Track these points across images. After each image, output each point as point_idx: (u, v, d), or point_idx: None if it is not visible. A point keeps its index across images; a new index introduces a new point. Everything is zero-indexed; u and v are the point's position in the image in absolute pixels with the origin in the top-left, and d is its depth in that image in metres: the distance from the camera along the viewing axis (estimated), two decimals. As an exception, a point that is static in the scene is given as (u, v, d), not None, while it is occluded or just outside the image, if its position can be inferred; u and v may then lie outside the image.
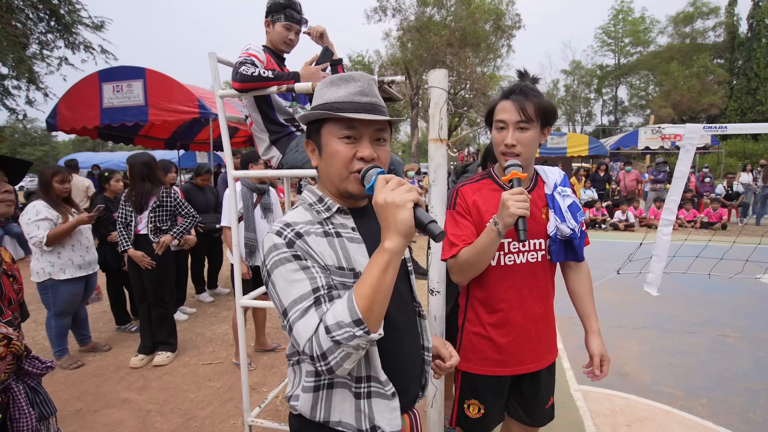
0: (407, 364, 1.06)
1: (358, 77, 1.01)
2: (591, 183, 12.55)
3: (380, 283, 0.84)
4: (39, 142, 36.40)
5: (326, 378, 1.00)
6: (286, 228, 0.95)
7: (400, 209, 0.83)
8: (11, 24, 9.21)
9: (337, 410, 0.99)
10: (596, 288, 1.53)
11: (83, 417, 2.85)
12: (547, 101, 1.39)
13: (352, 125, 0.97)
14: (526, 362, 1.52)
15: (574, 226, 1.46)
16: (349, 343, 0.84)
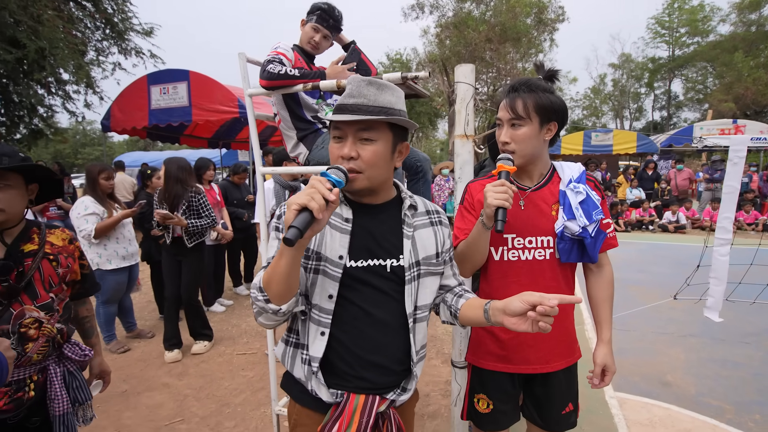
0: (374, 356, 1.12)
1: (352, 80, 1.10)
2: (639, 182, 11.92)
3: (275, 265, 0.97)
4: (97, 143, 38.92)
5: (294, 337, 1.17)
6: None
7: (288, 209, 0.91)
8: (72, 33, 9.88)
9: (297, 367, 1.15)
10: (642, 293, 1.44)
11: (128, 398, 3.03)
12: (546, 98, 1.35)
13: (337, 126, 1.07)
14: (531, 362, 1.47)
15: (585, 224, 1.38)
16: (255, 302, 1.03)
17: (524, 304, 0.98)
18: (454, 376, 2.17)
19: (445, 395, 2.90)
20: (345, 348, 1.11)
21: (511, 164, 1.33)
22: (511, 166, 1.33)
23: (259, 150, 2.13)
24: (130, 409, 2.89)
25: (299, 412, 1.17)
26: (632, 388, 2.96)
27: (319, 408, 1.13)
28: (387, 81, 1.70)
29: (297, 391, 1.17)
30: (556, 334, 1.46)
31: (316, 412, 1.14)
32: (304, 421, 1.16)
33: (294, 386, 1.18)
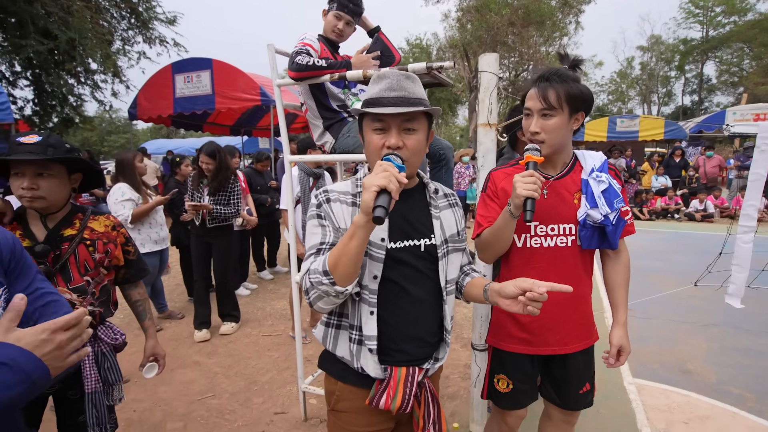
0: (413, 329, 1.21)
1: (389, 74, 1.15)
2: (665, 169, 11.60)
3: (345, 247, 1.02)
4: (122, 131, 39.86)
5: (335, 319, 1.24)
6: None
7: (366, 191, 0.97)
8: (99, 23, 10.12)
9: (340, 347, 1.23)
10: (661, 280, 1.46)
11: (162, 375, 3.15)
12: (575, 87, 1.36)
13: (380, 118, 1.12)
14: (551, 344, 1.52)
15: (607, 213, 1.42)
16: (318, 287, 1.06)
17: (516, 289, 1.09)
18: (474, 358, 2.24)
19: (464, 378, 2.98)
20: (387, 324, 1.19)
21: (538, 155, 1.35)
22: (539, 156, 1.35)
23: (287, 139, 2.20)
24: (165, 384, 3.07)
25: (342, 389, 1.25)
26: (651, 375, 2.98)
27: (362, 383, 1.21)
28: (412, 72, 1.75)
29: (338, 370, 1.25)
30: (574, 318, 1.52)
31: (359, 387, 1.22)
32: (347, 397, 1.24)
33: (335, 365, 1.26)
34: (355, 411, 1.24)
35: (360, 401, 1.22)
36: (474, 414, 2.33)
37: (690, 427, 2.40)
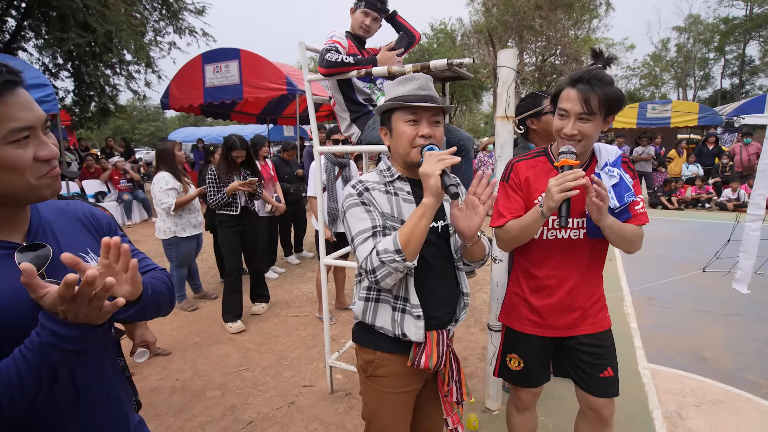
0: (439, 298, 1.41)
1: (419, 77, 1.35)
2: (697, 157, 11.22)
3: (416, 226, 1.20)
4: (152, 119, 41.05)
5: (375, 293, 1.40)
6: (359, 183, 1.37)
7: (431, 177, 1.18)
8: (133, 15, 10.48)
9: (380, 317, 1.39)
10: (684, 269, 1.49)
11: (200, 348, 3.48)
12: (613, 92, 1.38)
13: (414, 111, 1.31)
14: (559, 328, 1.61)
15: (615, 206, 1.47)
16: (390, 264, 1.20)
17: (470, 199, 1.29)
18: (490, 338, 2.38)
19: (482, 359, 3.12)
20: (422, 295, 1.36)
21: (574, 158, 1.38)
22: (575, 159, 1.38)
23: (317, 131, 2.35)
24: (202, 357, 3.34)
25: (380, 356, 1.42)
26: (667, 361, 3.05)
27: (399, 350, 1.40)
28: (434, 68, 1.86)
29: (376, 340, 1.42)
30: (584, 305, 1.60)
31: (396, 354, 1.40)
32: (385, 363, 1.42)
33: (372, 337, 1.43)
34: (393, 375, 1.42)
35: (397, 366, 1.41)
36: (489, 390, 2.47)
37: (701, 410, 2.47)
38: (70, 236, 0.95)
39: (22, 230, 0.87)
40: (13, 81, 0.77)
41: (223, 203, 3.70)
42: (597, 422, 1.70)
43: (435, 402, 1.55)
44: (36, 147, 0.79)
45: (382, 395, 1.45)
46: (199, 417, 2.58)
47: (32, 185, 0.79)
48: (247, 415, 2.59)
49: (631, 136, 13.43)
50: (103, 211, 1.09)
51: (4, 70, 0.75)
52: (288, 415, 2.57)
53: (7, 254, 0.80)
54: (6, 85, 0.75)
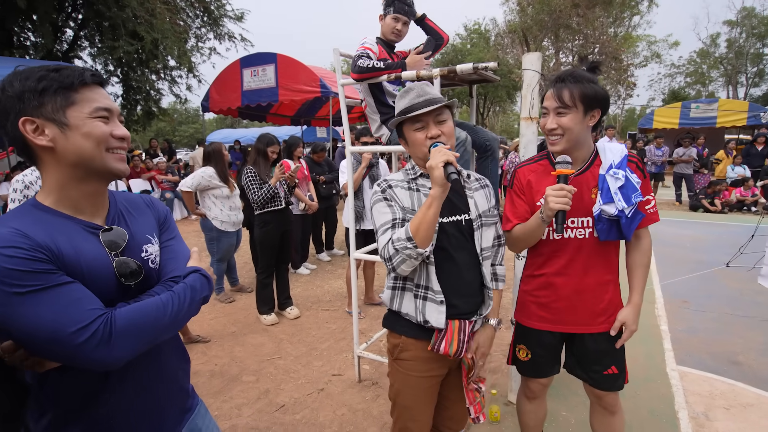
0: (460, 287, 1.50)
1: (413, 87, 1.48)
2: (744, 158, 10.65)
3: (424, 215, 1.30)
4: (191, 121, 42.76)
5: (400, 283, 1.52)
6: (383, 182, 1.52)
7: (434, 169, 1.28)
8: (177, 23, 11.07)
9: (404, 305, 1.51)
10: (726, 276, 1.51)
11: (236, 337, 3.70)
12: (588, 88, 1.46)
13: (418, 119, 1.44)
14: (567, 323, 1.66)
15: (623, 208, 1.50)
16: (403, 252, 1.32)
17: None
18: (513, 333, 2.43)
19: (506, 354, 3.16)
20: (442, 282, 1.46)
21: (569, 167, 1.46)
22: (570, 168, 1.46)
23: (349, 131, 2.50)
24: (239, 346, 3.55)
25: (405, 341, 1.53)
26: (697, 364, 2.99)
27: (423, 336, 1.50)
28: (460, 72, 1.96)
29: (402, 326, 1.54)
30: (592, 303, 1.64)
31: (420, 339, 1.51)
32: (409, 347, 1.53)
33: (398, 322, 1.55)
34: (416, 359, 1.53)
35: (420, 351, 1.51)
36: (513, 384, 2.53)
37: (730, 413, 2.43)
38: (139, 223, 1.12)
39: (103, 215, 1.05)
40: (99, 78, 1.00)
41: (268, 198, 3.76)
42: (603, 410, 1.79)
43: (460, 389, 1.63)
44: (113, 127, 0.99)
45: (406, 377, 1.55)
46: (236, 399, 2.77)
47: (103, 155, 0.96)
48: (280, 399, 2.76)
49: (672, 137, 12.92)
50: (162, 204, 1.26)
51: (93, 71, 0.98)
52: (318, 401, 2.72)
53: (93, 232, 1.00)
54: (94, 78, 0.98)
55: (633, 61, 21.47)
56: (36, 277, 0.82)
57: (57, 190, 0.96)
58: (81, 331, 0.82)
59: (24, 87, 0.90)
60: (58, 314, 0.81)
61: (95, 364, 0.85)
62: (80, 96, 0.94)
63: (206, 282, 1.11)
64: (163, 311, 0.95)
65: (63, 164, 0.94)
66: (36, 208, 0.94)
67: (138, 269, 1.01)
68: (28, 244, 0.83)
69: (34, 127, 0.91)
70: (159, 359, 1.08)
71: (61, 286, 0.84)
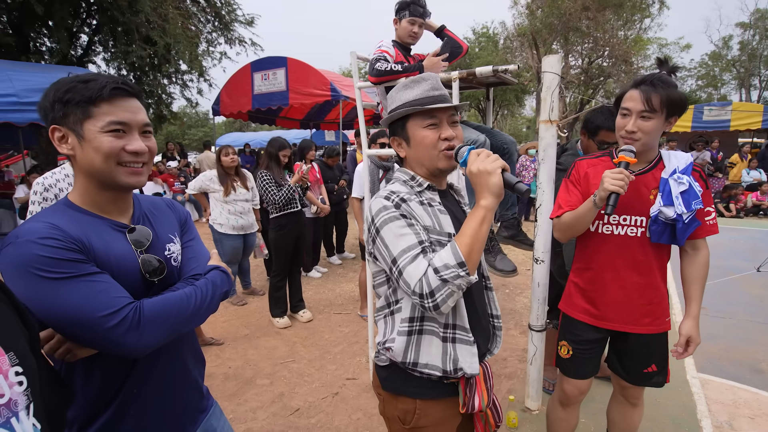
0: (478, 325, 1.26)
1: (428, 77, 1.24)
2: (759, 162, 10.50)
3: (478, 233, 1.07)
4: (200, 125, 43.12)
5: (418, 324, 1.19)
6: (392, 194, 1.17)
7: (492, 175, 1.07)
8: (189, 28, 11.18)
9: (424, 353, 1.18)
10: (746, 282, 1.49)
11: (250, 340, 3.70)
12: (676, 93, 1.46)
13: (433, 114, 1.20)
14: (611, 320, 1.66)
15: (682, 212, 1.50)
16: (454, 282, 1.03)
17: None
18: (531, 338, 2.41)
19: (522, 360, 3.13)
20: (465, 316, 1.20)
21: (632, 156, 1.48)
22: (633, 158, 1.48)
23: (365, 135, 2.49)
24: (252, 348, 3.55)
25: (422, 405, 1.22)
26: (718, 371, 2.93)
27: (442, 394, 1.22)
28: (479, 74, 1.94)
29: (415, 387, 1.22)
30: (638, 302, 1.63)
31: (440, 399, 1.23)
32: (428, 412, 1.22)
33: (408, 382, 1.22)
34: (438, 423, 1.24)
35: (441, 411, 1.23)
36: (530, 390, 2.50)
37: (756, 422, 2.38)
38: (162, 224, 1.16)
39: (128, 215, 1.09)
40: (126, 90, 0.99)
41: (287, 200, 3.78)
42: (624, 401, 1.81)
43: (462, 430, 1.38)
44: (127, 141, 0.98)
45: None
46: (251, 402, 2.77)
47: (112, 169, 0.97)
48: (295, 402, 2.75)
49: (685, 140, 12.77)
50: (182, 207, 1.29)
51: (119, 82, 0.98)
52: (333, 405, 2.71)
53: (120, 231, 1.04)
54: (115, 91, 0.97)
55: (644, 64, 21.27)
56: (69, 266, 0.87)
57: (83, 193, 1.01)
58: (111, 316, 0.86)
59: (55, 97, 0.95)
60: (90, 300, 0.86)
61: (125, 349, 0.89)
62: (98, 110, 0.95)
63: (226, 278, 1.15)
64: (187, 303, 1.00)
65: (82, 172, 0.99)
66: (68, 207, 0.99)
67: (161, 266, 1.06)
68: (63, 236, 0.88)
69: (60, 135, 0.97)
70: (177, 358, 1.11)
71: (92, 275, 0.89)
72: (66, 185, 2.45)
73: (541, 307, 2.32)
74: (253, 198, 4.32)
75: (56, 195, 2.43)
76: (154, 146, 1.05)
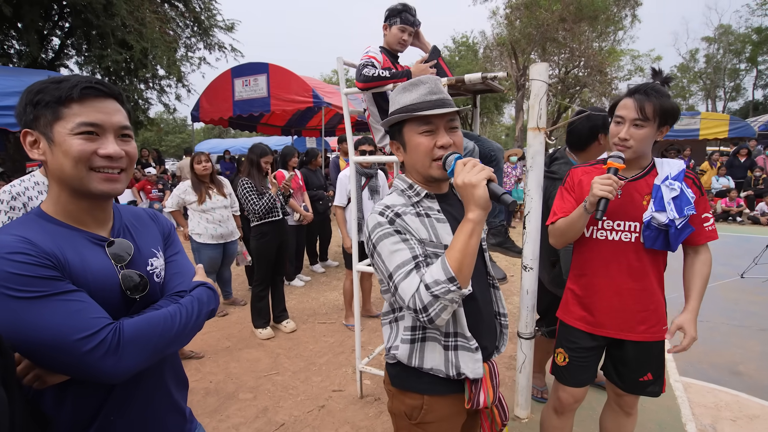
0: (483, 326, 1.27)
1: (426, 80, 1.20)
2: (728, 170, 10.94)
3: (467, 246, 1.05)
4: (177, 131, 42.31)
5: (420, 332, 1.22)
6: (387, 209, 1.17)
7: (477, 188, 1.04)
8: (166, 32, 10.97)
9: (428, 359, 1.21)
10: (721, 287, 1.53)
11: (231, 353, 3.59)
12: (669, 103, 1.49)
13: (428, 120, 1.16)
14: (607, 327, 1.66)
15: (674, 218, 1.51)
16: (445, 297, 1.04)
17: None
18: (519, 346, 2.40)
19: (509, 368, 3.12)
20: (469, 324, 1.22)
21: (621, 162, 1.51)
22: (621, 163, 1.51)
23: (352, 141, 2.46)
24: (234, 361, 3.44)
25: (429, 401, 1.25)
26: (700, 375, 2.99)
27: (450, 390, 1.24)
28: (468, 81, 1.93)
29: (424, 384, 1.25)
30: (634, 309, 1.63)
31: (447, 395, 1.25)
32: (435, 407, 1.25)
33: (418, 381, 1.25)
34: (444, 418, 1.27)
35: (448, 407, 1.26)
36: (519, 398, 2.48)
37: (738, 424, 2.42)
38: (144, 237, 1.09)
39: (107, 227, 1.01)
40: (100, 90, 0.91)
41: (268, 208, 3.71)
42: (618, 409, 1.81)
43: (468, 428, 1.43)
44: (100, 144, 0.90)
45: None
46: (233, 418, 2.67)
47: (83, 175, 0.89)
48: (279, 417, 2.66)
49: (657, 149, 13.20)
50: (166, 218, 1.22)
51: (94, 82, 0.91)
52: (319, 419, 2.63)
53: (99, 244, 0.97)
54: (87, 90, 0.89)
55: (617, 74, 21.99)
56: (42, 283, 0.79)
57: (56, 202, 0.94)
58: (88, 339, 0.80)
59: (27, 99, 0.88)
60: (64, 321, 0.79)
61: (102, 375, 0.81)
62: (68, 111, 0.88)
63: (213, 295, 1.09)
64: (171, 323, 0.93)
65: (54, 179, 0.92)
66: (41, 218, 0.92)
67: (143, 282, 0.99)
68: (35, 250, 0.81)
69: (32, 140, 0.90)
70: (158, 381, 1.04)
71: (67, 294, 0.82)
72: (36, 193, 2.33)
73: (530, 315, 2.32)
74: (232, 204, 4.22)
75: (24, 204, 2.30)
76: (133, 151, 0.97)
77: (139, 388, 0.97)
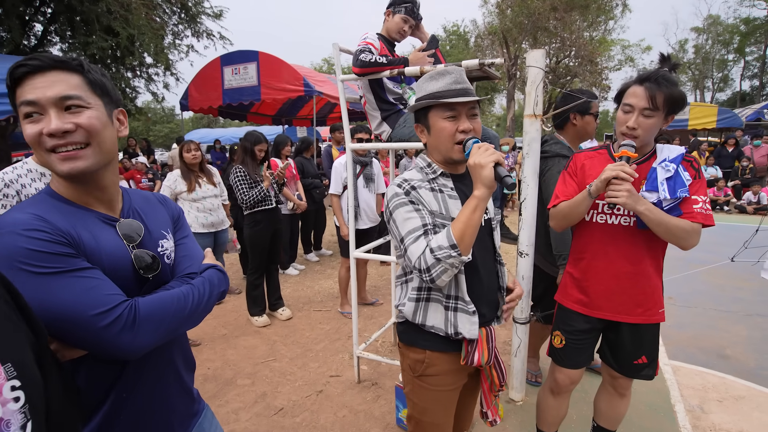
0: (484, 295, 1.39)
1: (452, 70, 1.34)
2: (716, 159, 11.11)
3: (470, 219, 1.20)
4: (165, 120, 41.54)
5: (425, 293, 1.37)
6: (404, 182, 1.34)
7: (484, 168, 1.19)
8: (153, 19, 10.73)
9: (430, 317, 1.36)
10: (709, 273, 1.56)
11: (228, 340, 3.60)
12: (678, 92, 1.49)
13: (452, 107, 1.30)
14: (603, 309, 1.70)
15: (665, 198, 1.52)
16: (447, 261, 1.19)
17: None
18: (515, 330, 2.44)
19: (504, 352, 3.17)
20: (471, 291, 1.35)
21: (633, 151, 1.51)
22: (634, 152, 1.51)
23: (349, 129, 2.45)
24: (231, 348, 3.45)
25: (430, 356, 1.39)
26: (688, 358, 3.08)
27: (449, 348, 1.37)
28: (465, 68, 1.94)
29: (426, 340, 1.38)
30: (631, 292, 1.66)
31: (446, 352, 1.38)
32: (436, 362, 1.39)
33: (420, 336, 1.39)
34: (443, 373, 1.40)
35: (447, 364, 1.39)
36: (513, 382, 2.54)
37: (724, 405, 2.51)
38: (154, 219, 1.10)
39: (116, 208, 1.02)
40: (31, 66, 0.84)
41: (260, 198, 3.69)
42: (613, 390, 1.85)
43: (470, 392, 1.58)
44: (45, 124, 0.84)
45: (433, 393, 1.43)
46: (233, 403, 2.69)
47: (44, 159, 0.87)
48: (278, 402, 2.69)
49: (647, 138, 13.32)
50: (175, 203, 1.23)
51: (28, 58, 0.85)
52: (317, 403, 2.67)
53: (110, 224, 0.98)
54: (22, 68, 0.83)
55: (608, 64, 22.06)
56: (58, 260, 0.80)
57: (61, 182, 0.93)
58: (105, 315, 0.81)
59: (7, 79, 0.86)
60: (81, 297, 0.80)
61: (119, 351, 0.83)
62: (21, 90, 0.84)
63: (223, 277, 1.11)
64: (184, 303, 0.94)
65: None
66: (52, 197, 0.92)
67: (156, 262, 1.00)
68: (50, 227, 0.82)
69: None
70: (168, 361, 1.06)
71: (83, 270, 0.83)
72: (29, 181, 2.29)
73: (526, 300, 2.36)
74: (222, 193, 4.17)
75: (18, 191, 2.27)
76: (87, 122, 0.87)
77: (150, 366, 0.99)
